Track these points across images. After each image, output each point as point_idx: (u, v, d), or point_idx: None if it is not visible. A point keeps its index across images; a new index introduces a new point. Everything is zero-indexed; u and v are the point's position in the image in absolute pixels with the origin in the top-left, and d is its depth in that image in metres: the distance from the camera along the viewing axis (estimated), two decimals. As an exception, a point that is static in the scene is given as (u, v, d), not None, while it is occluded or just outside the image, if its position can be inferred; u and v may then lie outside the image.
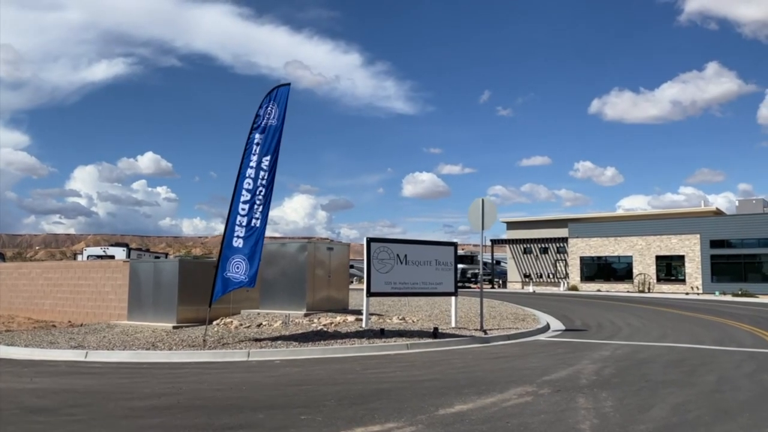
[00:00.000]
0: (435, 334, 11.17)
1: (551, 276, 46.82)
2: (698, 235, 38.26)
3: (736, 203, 41.47)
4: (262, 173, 10.38)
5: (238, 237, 10.43)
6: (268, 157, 10.41)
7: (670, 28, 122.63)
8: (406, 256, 12.05)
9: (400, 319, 13.66)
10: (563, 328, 14.52)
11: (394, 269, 11.88)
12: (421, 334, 11.53)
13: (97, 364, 9.35)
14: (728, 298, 32.76)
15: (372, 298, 12.03)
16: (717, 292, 35.86)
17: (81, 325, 15.21)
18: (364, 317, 11.95)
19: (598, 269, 42.82)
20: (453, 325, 12.91)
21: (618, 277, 41.69)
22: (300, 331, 11.48)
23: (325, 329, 11.61)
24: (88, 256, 39.27)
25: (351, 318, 12.89)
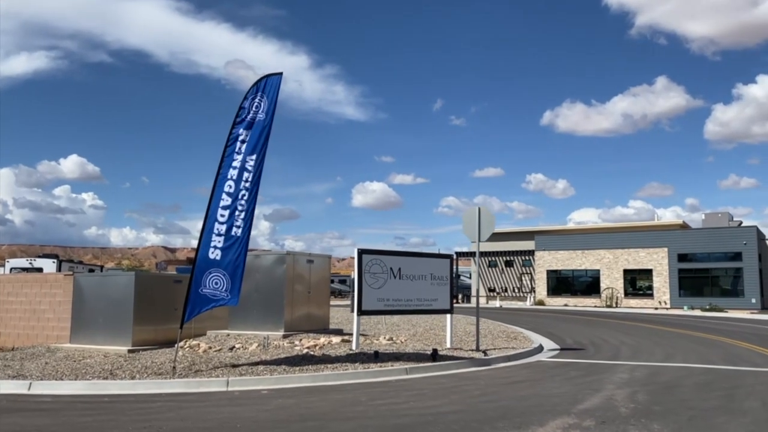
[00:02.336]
0: (434, 356, 10.53)
1: (517, 290, 47.13)
2: (666, 249, 39.30)
3: (702, 217, 42.96)
4: (246, 174, 9.52)
5: (215, 248, 9.50)
6: (254, 157, 9.56)
7: (621, 41, 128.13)
8: (400, 269, 11.39)
9: (389, 340, 12.96)
10: (557, 347, 14.19)
11: (387, 284, 11.20)
12: (418, 356, 10.87)
13: (45, 397, 8.21)
14: (698, 312, 33.64)
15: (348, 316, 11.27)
16: (686, 307, 36.84)
17: (13, 349, 13.74)
18: (354, 338, 11.18)
19: (565, 283, 43.36)
20: (448, 345, 12.31)
21: (585, 291, 42.31)
22: (282, 355, 10.59)
23: (311, 353, 10.78)
24: (11, 269, 36.61)
25: (336, 339, 12.09)
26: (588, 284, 42.35)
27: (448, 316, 12.43)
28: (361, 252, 11.02)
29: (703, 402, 7.61)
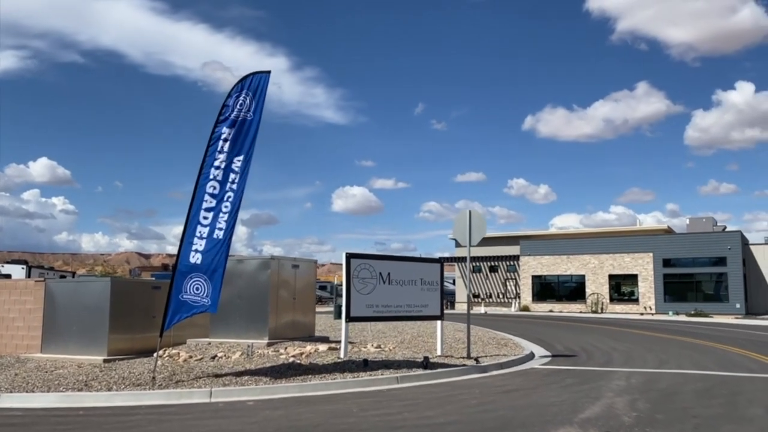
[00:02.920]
0: (426, 364, 10.33)
1: (501, 296, 47.19)
2: (651, 254, 39.64)
3: (687, 222, 43.44)
4: (232, 176, 9.24)
5: (196, 251, 9.20)
6: (241, 157, 9.29)
7: (603, 46, 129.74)
8: (389, 274, 11.17)
9: (377, 348, 12.72)
10: (548, 353, 14.09)
11: (377, 290, 10.96)
12: (408, 364, 10.65)
13: (16, 411, 7.83)
14: (684, 318, 33.93)
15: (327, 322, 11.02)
16: (671, 312, 37.15)
17: (-20, 359, 13.21)
18: (342, 346, 10.92)
19: (550, 289, 43.51)
20: (439, 353, 12.11)
21: (570, 297, 42.49)
22: (267, 364, 10.30)
23: (297, 361, 10.50)
24: (-23, 276, 35.62)
25: (323, 347, 11.82)
26: (573, 290, 42.53)
27: (439, 322, 12.24)
28: (350, 256, 10.78)
29: (706, 409, 7.50)
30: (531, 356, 13.22)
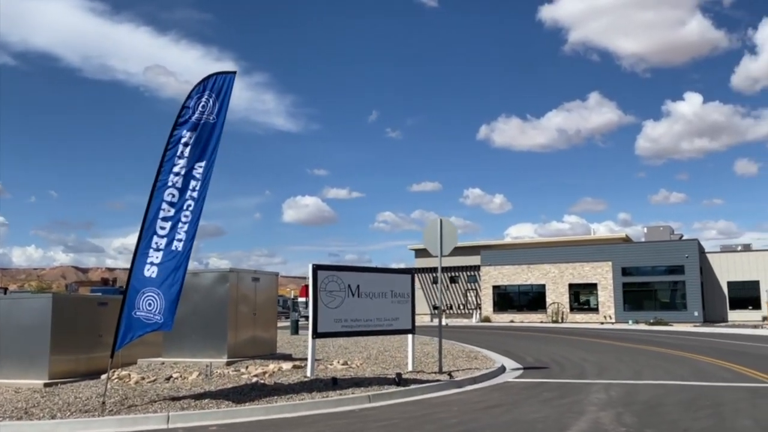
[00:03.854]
0: (398, 381, 10.01)
1: (462, 307, 47.37)
2: (610, 263, 40.51)
3: (645, 230, 44.63)
4: (193, 183, 8.75)
5: (152, 264, 8.66)
6: (203, 163, 8.81)
7: (555, 57, 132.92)
8: (358, 286, 10.83)
9: (343, 365, 12.34)
10: (519, 366, 14.00)
11: (345, 303, 10.61)
12: (380, 381, 10.32)
13: (-56, 446, 7.13)
14: (644, 327, 34.71)
15: (292, 338, 10.60)
16: (631, 321, 37.98)
17: None
18: (309, 364, 10.50)
19: (511, 299, 43.93)
20: (410, 368, 11.82)
21: (531, 306, 42.98)
22: (229, 385, 9.78)
23: (261, 381, 10.02)
24: None
25: (287, 365, 11.36)
26: (533, 299, 43.04)
27: (410, 336, 11.96)
28: (316, 268, 10.41)
29: (695, 422, 7.45)
30: (503, 369, 13.09)
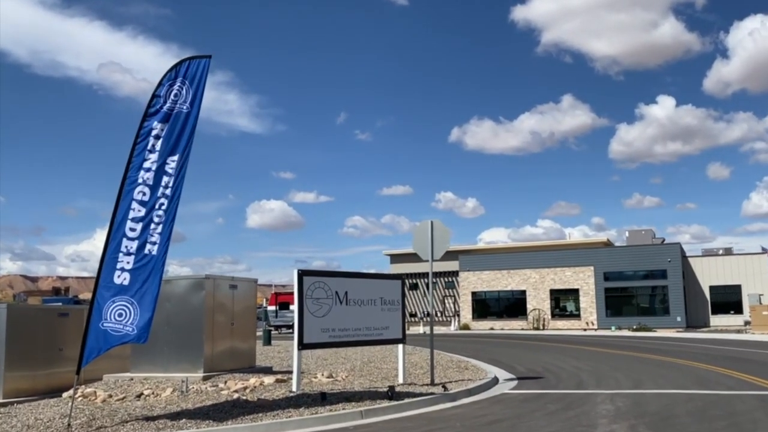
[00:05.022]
0: (391, 395, 9.59)
1: (440, 314, 47.09)
2: (592, 268, 40.67)
3: (627, 234, 44.99)
4: (166, 179, 8.23)
5: (122, 270, 8.11)
6: (176, 157, 8.30)
7: (528, 58, 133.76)
8: (346, 293, 10.38)
9: (329, 377, 11.85)
10: (512, 376, 13.70)
11: (333, 311, 10.14)
12: (371, 395, 9.87)
13: None
14: (627, 333, 34.85)
15: (273, 350, 10.11)
16: (613, 327, 38.12)
17: None
18: (294, 378, 9.99)
19: (491, 305, 43.80)
20: (401, 380, 11.41)
21: (511, 313, 42.88)
22: (208, 402, 9.22)
23: (243, 397, 9.48)
24: None
25: (269, 379, 10.83)
26: (514, 306, 42.94)
27: (400, 346, 11.56)
28: (302, 273, 9.93)
29: (715, 435, 7.20)
30: (496, 380, 12.77)
